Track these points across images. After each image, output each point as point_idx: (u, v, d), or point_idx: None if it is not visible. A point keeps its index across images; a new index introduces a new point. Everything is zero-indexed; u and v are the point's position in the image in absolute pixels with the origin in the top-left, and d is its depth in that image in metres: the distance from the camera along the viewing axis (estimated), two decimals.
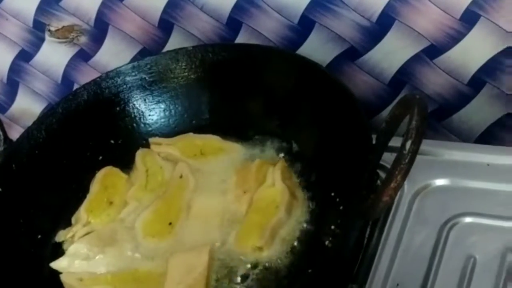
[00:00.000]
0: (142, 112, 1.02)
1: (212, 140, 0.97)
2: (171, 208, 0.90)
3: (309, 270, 0.75)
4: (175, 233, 0.87)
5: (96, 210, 0.93)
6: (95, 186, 0.97)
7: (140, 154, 0.99)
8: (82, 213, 0.93)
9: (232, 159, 0.94)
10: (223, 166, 0.93)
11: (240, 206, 0.87)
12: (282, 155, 0.92)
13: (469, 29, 0.94)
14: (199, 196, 0.91)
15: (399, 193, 0.82)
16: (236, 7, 1.07)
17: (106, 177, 0.97)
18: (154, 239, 0.88)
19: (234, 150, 0.95)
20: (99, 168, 0.98)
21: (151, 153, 0.99)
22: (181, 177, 0.93)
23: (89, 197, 0.95)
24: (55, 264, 0.89)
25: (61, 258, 0.89)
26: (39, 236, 0.93)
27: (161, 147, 0.98)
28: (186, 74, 1.01)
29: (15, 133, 1.15)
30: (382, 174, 0.85)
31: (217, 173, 0.93)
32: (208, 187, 0.92)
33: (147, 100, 1.02)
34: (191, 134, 0.99)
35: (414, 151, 0.68)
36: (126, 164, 0.98)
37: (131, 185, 0.95)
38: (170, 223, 0.88)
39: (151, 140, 1.01)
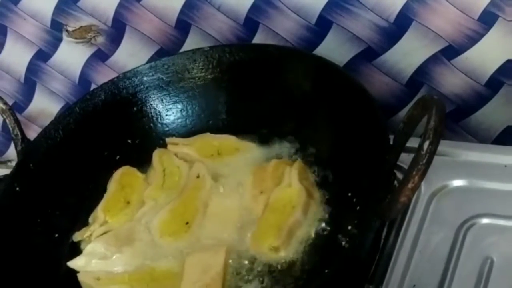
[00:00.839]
0: (159, 112, 1.02)
1: (228, 140, 0.97)
2: (188, 208, 0.90)
3: (326, 271, 0.75)
4: (191, 232, 0.87)
5: (113, 210, 0.93)
6: (112, 185, 0.97)
7: (157, 153, 0.99)
8: (99, 213, 0.93)
9: (249, 160, 0.94)
10: (239, 167, 0.93)
11: (256, 206, 0.87)
12: (298, 155, 0.92)
13: (487, 29, 0.94)
14: (216, 196, 0.91)
15: (416, 194, 0.82)
16: (253, 7, 1.07)
17: (123, 177, 0.98)
18: (171, 238, 0.88)
19: (251, 151, 0.95)
20: (116, 168, 0.98)
21: (168, 153, 0.99)
22: (198, 177, 0.93)
23: (106, 196, 0.96)
24: (72, 263, 0.89)
25: (78, 257, 0.89)
26: (56, 235, 0.94)
27: (178, 147, 0.99)
28: (203, 74, 1.01)
29: (32, 133, 1.16)
30: (400, 175, 0.85)
31: (234, 174, 0.93)
32: (224, 187, 0.92)
33: (164, 100, 1.02)
34: (208, 134, 0.99)
35: (432, 152, 0.68)
36: (143, 163, 0.99)
37: (148, 184, 0.96)
38: (187, 223, 0.88)
39: (168, 140, 1.01)
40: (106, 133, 1.01)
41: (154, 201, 0.93)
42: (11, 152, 1.38)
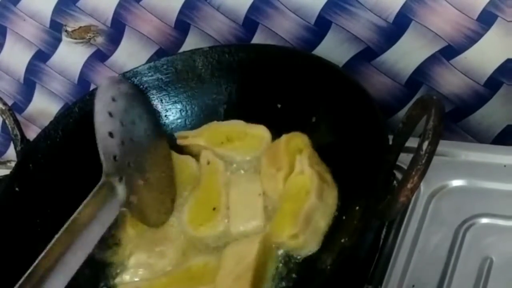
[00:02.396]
0: (158, 112, 1.02)
1: (236, 125, 0.97)
2: (210, 193, 0.90)
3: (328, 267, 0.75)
4: (221, 217, 0.87)
5: (138, 225, 0.92)
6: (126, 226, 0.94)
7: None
8: (129, 231, 0.92)
9: (259, 141, 0.94)
10: (251, 149, 0.93)
11: (276, 184, 0.86)
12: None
13: (486, 29, 0.94)
14: (235, 182, 0.91)
15: (415, 194, 0.82)
16: (252, 7, 1.07)
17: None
18: (203, 227, 0.87)
19: (260, 132, 0.94)
20: None
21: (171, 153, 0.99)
22: (208, 163, 0.93)
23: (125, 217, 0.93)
24: (122, 279, 0.88)
25: (125, 272, 0.88)
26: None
27: (188, 139, 0.98)
28: (203, 74, 1.01)
29: (32, 133, 1.16)
30: (399, 175, 0.86)
31: (246, 157, 0.93)
32: (240, 172, 0.92)
33: (163, 101, 1.02)
34: (215, 122, 0.99)
35: (431, 152, 0.68)
36: None
37: None
38: (214, 208, 0.88)
39: (177, 134, 1.00)
40: None
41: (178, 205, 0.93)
42: (11, 153, 1.38)
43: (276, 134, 0.94)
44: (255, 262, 0.79)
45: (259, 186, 0.88)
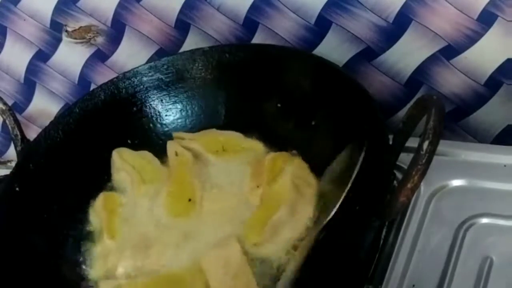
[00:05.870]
0: (158, 112, 1.02)
1: (234, 138, 0.97)
2: (183, 185, 0.91)
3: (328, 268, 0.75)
4: (199, 211, 0.88)
5: (116, 233, 0.92)
6: (101, 215, 0.95)
7: (116, 155, 0.99)
8: (109, 244, 0.92)
9: (252, 157, 0.94)
10: (243, 163, 0.93)
11: (252, 199, 0.87)
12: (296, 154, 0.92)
13: (486, 29, 0.94)
14: (216, 191, 0.91)
15: (415, 193, 0.82)
16: (252, 7, 1.07)
17: (106, 204, 0.96)
18: (180, 218, 0.88)
19: (255, 149, 0.95)
20: None
21: (125, 151, 0.99)
22: (176, 154, 0.94)
23: (103, 226, 0.94)
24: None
25: (107, 281, 0.88)
26: (56, 236, 0.93)
27: (184, 141, 0.98)
28: (203, 74, 1.01)
29: (32, 133, 1.16)
30: (399, 175, 0.86)
31: (236, 169, 0.93)
32: (226, 182, 0.92)
33: (164, 101, 1.02)
34: (214, 130, 0.99)
35: (431, 152, 0.68)
36: None
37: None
38: (190, 200, 0.89)
39: (175, 134, 1.01)
40: (105, 134, 1.01)
41: (147, 196, 0.93)
42: (11, 153, 1.38)
43: (275, 136, 0.94)
44: (244, 257, 0.80)
45: (238, 198, 0.89)
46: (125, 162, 0.97)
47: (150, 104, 1.02)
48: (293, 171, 0.87)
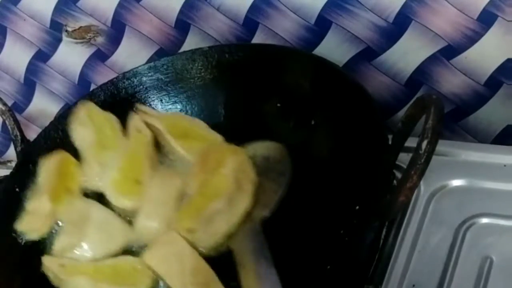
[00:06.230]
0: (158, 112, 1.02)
1: (197, 126, 0.96)
2: (135, 164, 0.90)
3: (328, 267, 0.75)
4: (143, 192, 0.87)
5: (59, 198, 0.91)
6: (51, 173, 0.93)
7: (82, 108, 0.97)
8: (45, 203, 0.90)
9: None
10: (197, 152, 0.92)
11: (193, 183, 0.87)
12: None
13: (486, 29, 0.94)
14: (166, 175, 0.90)
15: (415, 193, 0.82)
16: (252, 7, 1.07)
17: (60, 165, 0.94)
18: (125, 198, 0.87)
19: (215, 140, 0.94)
20: None
21: (93, 107, 0.98)
22: (139, 132, 0.93)
23: (48, 185, 0.92)
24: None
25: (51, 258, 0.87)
26: None
27: (147, 116, 0.96)
28: (203, 74, 1.01)
29: (32, 133, 1.16)
30: (398, 175, 0.85)
31: (190, 157, 0.92)
32: (177, 168, 0.91)
33: (163, 101, 1.02)
34: (180, 113, 1.00)
35: (430, 151, 0.68)
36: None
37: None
38: (137, 181, 0.88)
39: (139, 106, 0.99)
40: None
41: (98, 164, 0.92)
42: (11, 153, 1.38)
43: (276, 134, 0.94)
44: (195, 252, 0.80)
45: (182, 181, 0.88)
46: (89, 120, 0.96)
47: (150, 104, 1.02)
48: (236, 164, 0.86)
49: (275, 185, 0.87)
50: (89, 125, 0.96)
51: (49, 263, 0.85)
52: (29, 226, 0.90)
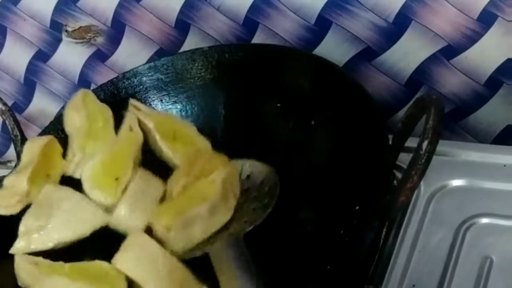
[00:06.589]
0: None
1: (187, 129, 0.94)
2: (119, 162, 0.87)
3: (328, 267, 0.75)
4: (120, 191, 0.85)
5: (37, 182, 0.89)
6: (35, 155, 0.91)
7: (80, 95, 0.96)
8: (23, 182, 0.88)
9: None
10: (183, 156, 0.90)
11: (175, 186, 0.84)
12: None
13: (486, 29, 0.94)
14: (146, 174, 0.88)
15: (415, 193, 0.82)
16: (252, 7, 1.07)
17: (46, 148, 0.92)
18: (101, 192, 0.85)
19: (202, 146, 0.92)
20: None
21: (91, 95, 0.97)
22: (131, 130, 0.91)
23: (30, 166, 0.89)
24: (14, 249, 0.84)
25: (17, 240, 0.84)
26: None
27: (139, 112, 0.94)
28: (203, 74, 1.01)
29: (32, 133, 1.16)
30: (399, 175, 0.85)
31: (175, 162, 0.90)
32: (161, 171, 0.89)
33: (163, 101, 1.02)
34: (171, 114, 0.99)
35: (431, 152, 0.68)
36: (142, 163, 0.98)
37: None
38: (116, 179, 0.85)
39: (131, 100, 0.97)
40: None
41: (82, 152, 0.91)
42: (11, 153, 1.38)
43: (276, 133, 0.94)
44: (167, 252, 0.78)
45: (160, 184, 0.86)
46: (84, 107, 0.95)
47: (150, 104, 1.02)
48: (226, 174, 0.83)
49: (257, 204, 0.85)
50: (83, 112, 0.94)
51: (22, 262, 0.82)
52: (1, 201, 0.88)
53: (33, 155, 0.91)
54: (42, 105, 1.33)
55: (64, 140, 0.96)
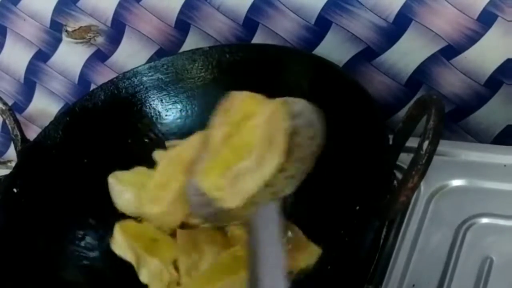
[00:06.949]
0: (159, 112, 1.02)
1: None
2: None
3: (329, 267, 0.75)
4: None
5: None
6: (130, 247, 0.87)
7: (112, 179, 0.94)
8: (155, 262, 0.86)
9: None
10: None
11: (216, 135, 0.78)
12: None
13: (486, 29, 0.94)
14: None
15: (415, 193, 0.82)
16: (252, 7, 1.07)
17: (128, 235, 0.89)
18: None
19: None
20: (116, 168, 0.98)
21: (121, 173, 0.95)
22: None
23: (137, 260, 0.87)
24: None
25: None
26: (56, 237, 0.93)
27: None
28: (203, 74, 1.01)
29: (32, 133, 1.16)
30: (399, 175, 0.86)
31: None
32: None
33: (163, 101, 1.02)
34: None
35: (431, 152, 0.68)
36: (143, 163, 0.98)
37: None
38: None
39: (167, 143, 0.99)
40: (105, 133, 1.01)
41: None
42: (11, 153, 1.38)
43: None
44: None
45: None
46: (126, 184, 0.92)
47: (150, 104, 1.02)
48: (267, 115, 0.75)
49: (308, 143, 0.78)
50: (129, 188, 0.93)
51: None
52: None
53: (127, 248, 0.87)
54: (42, 105, 1.33)
55: (63, 140, 0.97)
